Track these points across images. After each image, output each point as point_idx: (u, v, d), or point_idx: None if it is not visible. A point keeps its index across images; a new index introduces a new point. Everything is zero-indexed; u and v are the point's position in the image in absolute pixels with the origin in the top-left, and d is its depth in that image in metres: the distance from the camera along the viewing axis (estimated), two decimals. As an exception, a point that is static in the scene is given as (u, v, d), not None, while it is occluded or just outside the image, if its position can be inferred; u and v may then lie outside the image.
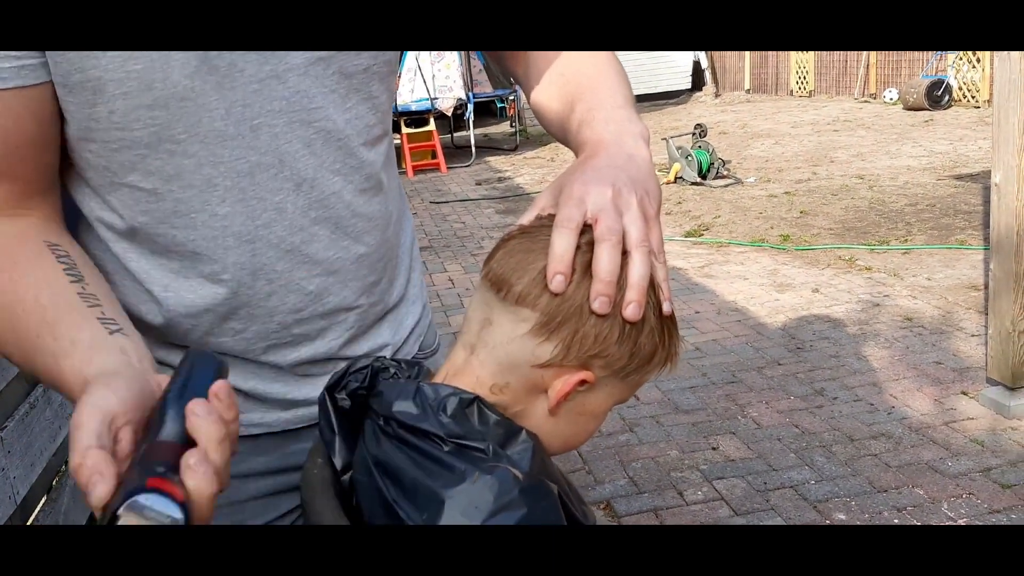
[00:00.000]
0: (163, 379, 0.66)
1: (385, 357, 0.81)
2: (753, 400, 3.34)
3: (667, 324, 0.72)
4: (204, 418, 0.58)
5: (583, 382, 0.69)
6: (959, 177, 7.12)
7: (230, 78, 0.77)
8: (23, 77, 0.73)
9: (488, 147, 11.75)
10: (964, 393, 3.23)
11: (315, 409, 0.78)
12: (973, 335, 3.77)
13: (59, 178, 0.84)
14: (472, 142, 10.78)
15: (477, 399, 0.69)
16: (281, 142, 0.81)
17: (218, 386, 0.60)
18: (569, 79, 0.92)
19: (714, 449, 2.99)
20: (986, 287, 4.15)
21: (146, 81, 0.74)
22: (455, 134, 12.02)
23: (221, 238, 0.82)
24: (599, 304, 0.66)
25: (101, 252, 0.86)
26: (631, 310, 0.67)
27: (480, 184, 9.10)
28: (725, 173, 7.81)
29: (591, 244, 0.68)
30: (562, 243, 0.67)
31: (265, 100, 0.80)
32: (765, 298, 4.53)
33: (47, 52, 0.74)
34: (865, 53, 13.45)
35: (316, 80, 0.82)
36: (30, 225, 0.80)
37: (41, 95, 0.76)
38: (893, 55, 13.08)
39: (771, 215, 6.38)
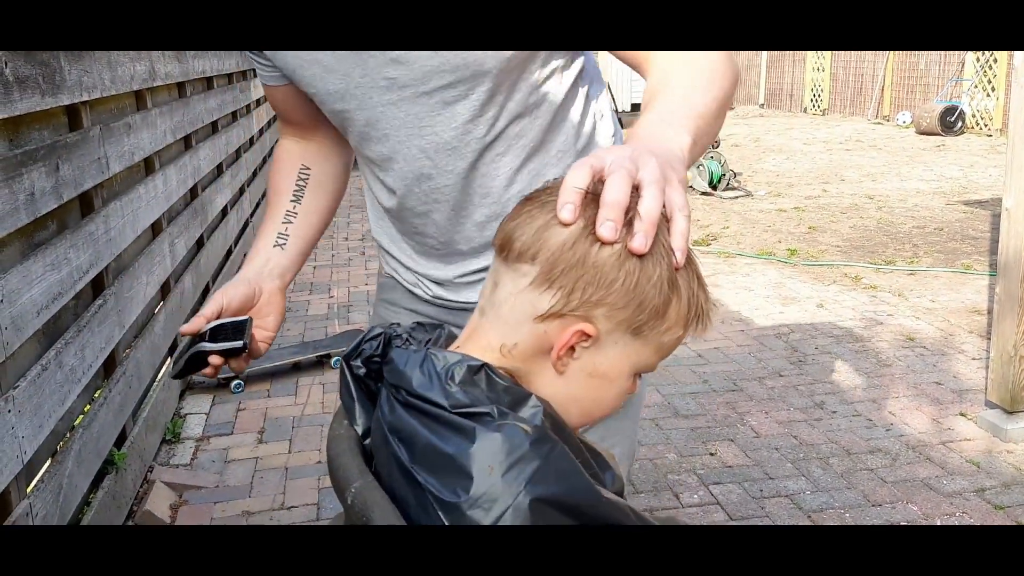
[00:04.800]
0: (270, 286, 1.12)
1: (400, 324, 0.81)
2: (753, 409, 3.36)
3: (686, 277, 0.69)
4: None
5: (584, 334, 0.68)
6: (968, 203, 7.14)
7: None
8: (279, 80, 1.15)
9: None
10: (962, 414, 3.25)
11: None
12: (974, 358, 3.78)
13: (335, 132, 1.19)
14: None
15: (485, 366, 0.68)
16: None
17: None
18: (658, 79, 0.92)
19: (712, 455, 3.00)
20: (989, 312, 4.17)
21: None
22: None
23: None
24: (605, 229, 0.63)
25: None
26: (637, 240, 0.64)
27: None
28: (736, 185, 7.83)
29: (598, 197, 0.65)
30: (575, 178, 0.65)
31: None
32: (769, 310, 4.55)
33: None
34: (881, 75, 13.45)
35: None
36: (303, 148, 1.24)
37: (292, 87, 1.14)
38: (908, 79, 13.09)
39: (779, 229, 6.40)
